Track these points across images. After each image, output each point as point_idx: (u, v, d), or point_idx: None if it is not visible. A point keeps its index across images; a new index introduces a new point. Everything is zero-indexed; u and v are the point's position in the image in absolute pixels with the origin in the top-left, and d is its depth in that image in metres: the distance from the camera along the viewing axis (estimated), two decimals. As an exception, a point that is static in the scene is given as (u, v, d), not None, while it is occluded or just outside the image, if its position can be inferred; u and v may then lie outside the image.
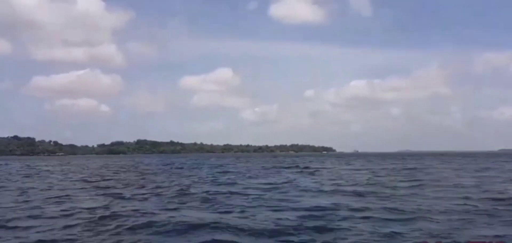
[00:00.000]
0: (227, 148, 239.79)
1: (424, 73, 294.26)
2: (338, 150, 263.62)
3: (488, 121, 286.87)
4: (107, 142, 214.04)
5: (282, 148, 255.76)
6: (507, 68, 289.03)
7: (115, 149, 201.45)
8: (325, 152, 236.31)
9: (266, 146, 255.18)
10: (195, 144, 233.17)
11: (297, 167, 41.26)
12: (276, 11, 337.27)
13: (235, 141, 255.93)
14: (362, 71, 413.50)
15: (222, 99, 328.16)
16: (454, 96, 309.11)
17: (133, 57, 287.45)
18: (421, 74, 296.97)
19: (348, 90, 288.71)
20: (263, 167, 43.19)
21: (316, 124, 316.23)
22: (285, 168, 39.99)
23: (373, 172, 32.74)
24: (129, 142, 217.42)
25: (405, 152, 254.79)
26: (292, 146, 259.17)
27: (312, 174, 30.55)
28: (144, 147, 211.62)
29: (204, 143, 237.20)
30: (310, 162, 59.41)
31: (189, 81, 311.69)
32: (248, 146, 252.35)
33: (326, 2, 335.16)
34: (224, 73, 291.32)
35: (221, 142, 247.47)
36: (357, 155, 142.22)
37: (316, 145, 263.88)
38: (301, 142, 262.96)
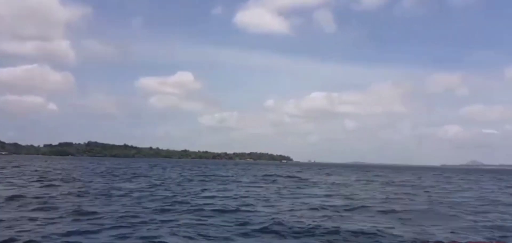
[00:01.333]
0: (185, 154, 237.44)
1: (380, 90, 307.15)
2: (295, 159, 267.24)
3: (434, 138, 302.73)
4: (55, 142, 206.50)
5: (241, 155, 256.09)
6: (455, 89, 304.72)
7: (63, 150, 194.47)
8: (284, 161, 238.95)
9: (225, 153, 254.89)
10: (150, 148, 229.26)
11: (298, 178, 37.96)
12: (241, 18, 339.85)
13: (193, 147, 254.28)
14: (322, 84, 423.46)
15: (181, 103, 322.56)
16: (405, 113, 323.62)
17: (87, 54, 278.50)
18: (376, 90, 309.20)
19: (307, 102, 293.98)
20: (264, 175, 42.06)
21: (275, 133, 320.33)
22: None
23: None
24: (79, 144, 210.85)
25: (357, 164, 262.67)
26: (250, 153, 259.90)
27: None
28: (95, 149, 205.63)
29: (161, 147, 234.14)
30: (298, 172, 56.43)
31: (146, 82, 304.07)
32: (206, 152, 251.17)
33: (292, 15, 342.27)
34: (184, 77, 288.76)
35: (178, 147, 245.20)
36: (317, 165, 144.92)
37: (275, 153, 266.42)
38: (259, 150, 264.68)
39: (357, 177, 44.21)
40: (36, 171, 38.70)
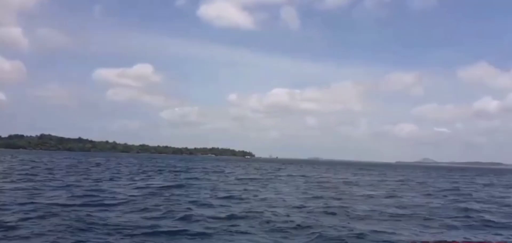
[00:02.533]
0: (143, 148, 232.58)
1: (340, 88, 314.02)
2: (256, 155, 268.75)
3: (390, 135, 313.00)
4: (4, 135, 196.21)
5: (202, 150, 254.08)
6: (410, 88, 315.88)
7: (13, 142, 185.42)
8: (248, 157, 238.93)
9: (186, 148, 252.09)
10: (107, 142, 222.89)
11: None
12: (205, 11, 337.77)
13: (152, 142, 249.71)
14: (284, 81, 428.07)
15: (140, 96, 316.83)
16: (364, 111, 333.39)
17: (41, 43, 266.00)
18: (337, 88, 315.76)
19: (269, 98, 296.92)
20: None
21: (237, 128, 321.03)
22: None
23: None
24: (31, 136, 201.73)
25: (316, 160, 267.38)
26: (212, 149, 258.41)
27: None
28: (48, 142, 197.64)
29: (118, 142, 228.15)
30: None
31: (104, 74, 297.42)
32: (166, 147, 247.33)
33: (257, 10, 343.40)
34: (144, 69, 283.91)
35: (136, 142, 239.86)
36: (280, 161, 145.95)
37: (237, 149, 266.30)
38: (221, 145, 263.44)
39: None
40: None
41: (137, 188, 20.46)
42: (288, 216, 12.91)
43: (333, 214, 13.84)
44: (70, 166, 40.38)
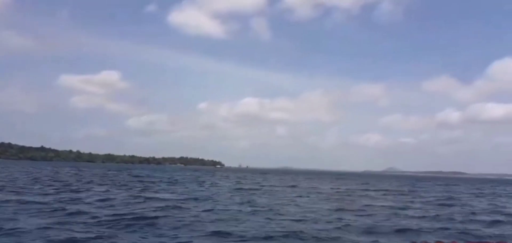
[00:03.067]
0: (109, 158, 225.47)
1: (309, 98, 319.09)
2: (226, 164, 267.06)
3: (358, 145, 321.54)
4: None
5: (171, 159, 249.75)
6: (378, 99, 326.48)
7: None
8: (218, 166, 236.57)
9: (153, 157, 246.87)
10: (71, 151, 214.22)
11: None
12: (176, 19, 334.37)
13: (118, 151, 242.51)
14: (255, 90, 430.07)
15: (106, 104, 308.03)
16: (332, 121, 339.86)
17: (2, 46, 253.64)
18: (306, 98, 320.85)
19: (239, 107, 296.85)
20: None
21: (206, 137, 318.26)
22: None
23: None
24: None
25: (286, 169, 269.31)
26: (181, 158, 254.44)
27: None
28: (8, 151, 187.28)
29: (82, 151, 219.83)
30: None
31: (68, 80, 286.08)
32: (133, 156, 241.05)
33: (227, 20, 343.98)
34: (111, 76, 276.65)
35: (102, 151, 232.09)
36: (249, 171, 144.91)
37: (206, 158, 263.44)
38: (190, 154, 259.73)
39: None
40: None
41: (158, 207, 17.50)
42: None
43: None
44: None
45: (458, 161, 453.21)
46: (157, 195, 22.95)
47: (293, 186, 39.91)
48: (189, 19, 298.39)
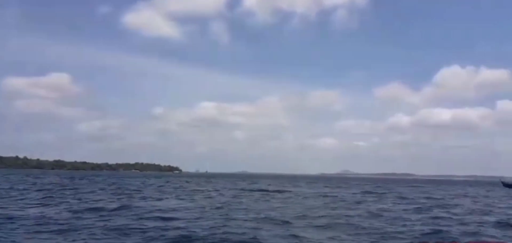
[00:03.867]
0: (58, 164, 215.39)
1: (267, 103, 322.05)
2: (184, 169, 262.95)
3: (314, 149, 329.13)
4: None
5: (125, 166, 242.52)
6: (332, 104, 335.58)
7: None
8: (176, 172, 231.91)
9: (107, 164, 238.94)
10: (17, 158, 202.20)
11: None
12: (130, 20, 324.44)
13: (69, 157, 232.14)
14: (213, 94, 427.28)
15: (56, 108, 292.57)
16: (290, 126, 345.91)
17: None
18: (264, 103, 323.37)
19: (197, 111, 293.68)
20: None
21: (163, 142, 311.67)
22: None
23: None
24: None
25: (245, 173, 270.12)
26: (136, 164, 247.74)
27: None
28: None
29: (30, 157, 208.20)
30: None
31: (13, 83, 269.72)
32: (85, 163, 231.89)
33: (185, 22, 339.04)
34: (60, 79, 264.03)
35: (51, 157, 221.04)
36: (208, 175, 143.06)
37: (162, 164, 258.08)
38: (145, 160, 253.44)
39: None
40: None
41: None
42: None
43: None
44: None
45: (409, 163, 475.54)
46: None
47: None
48: (145, 20, 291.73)
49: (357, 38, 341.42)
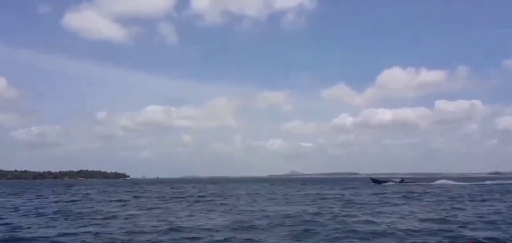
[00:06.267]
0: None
1: (215, 105, 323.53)
2: (131, 175, 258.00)
3: (262, 150, 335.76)
4: None
5: (69, 174, 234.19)
6: (280, 106, 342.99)
7: None
8: (127, 179, 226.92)
9: (49, 172, 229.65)
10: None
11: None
12: (71, 22, 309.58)
13: (7, 166, 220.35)
14: (159, 98, 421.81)
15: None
16: (238, 127, 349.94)
17: None
18: (212, 106, 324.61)
19: (143, 116, 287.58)
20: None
21: (107, 148, 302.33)
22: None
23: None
24: None
25: (195, 177, 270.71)
26: (80, 171, 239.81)
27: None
28: None
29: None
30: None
31: None
32: (25, 171, 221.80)
33: (130, 24, 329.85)
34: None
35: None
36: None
37: (108, 171, 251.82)
38: (89, 167, 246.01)
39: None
40: None
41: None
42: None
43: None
44: None
45: (353, 163, 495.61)
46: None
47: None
48: (86, 22, 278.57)
49: (305, 40, 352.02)
